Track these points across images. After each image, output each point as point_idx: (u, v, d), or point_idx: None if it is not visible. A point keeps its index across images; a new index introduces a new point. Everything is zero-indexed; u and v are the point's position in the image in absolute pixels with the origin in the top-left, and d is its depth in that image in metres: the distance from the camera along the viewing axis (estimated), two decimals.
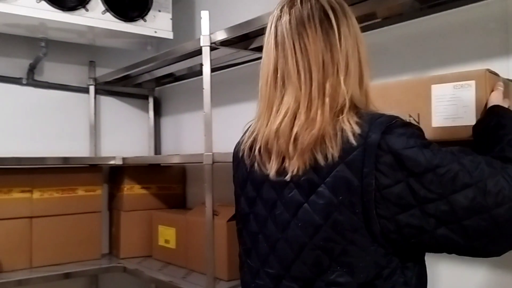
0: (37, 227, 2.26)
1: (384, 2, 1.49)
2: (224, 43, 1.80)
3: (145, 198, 2.50)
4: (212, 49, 1.80)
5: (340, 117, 0.92)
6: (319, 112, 0.92)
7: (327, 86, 0.93)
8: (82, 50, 2.59)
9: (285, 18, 0.98)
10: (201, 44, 1.80)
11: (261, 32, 1.69)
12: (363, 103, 0.97)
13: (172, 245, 2.28)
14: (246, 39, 1.79)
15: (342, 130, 0.90)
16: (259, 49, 1.91)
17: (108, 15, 2.17)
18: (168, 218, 2.34)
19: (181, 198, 2.64)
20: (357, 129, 0.89)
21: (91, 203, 2.42)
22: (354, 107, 0.95)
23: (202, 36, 1.79)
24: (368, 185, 0.87)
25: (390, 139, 0.88)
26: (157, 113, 2.90)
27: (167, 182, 2.60)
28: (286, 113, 0.95)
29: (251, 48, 1.88)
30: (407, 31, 1.62)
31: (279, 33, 0.98)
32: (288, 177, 0.95)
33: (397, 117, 0.92)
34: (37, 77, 2.49)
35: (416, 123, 1.10)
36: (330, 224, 0.90)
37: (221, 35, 1.75)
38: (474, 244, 0.85)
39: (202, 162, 1.80)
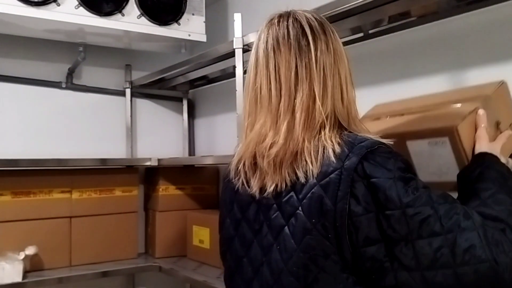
0: (76, 227, 2.33)
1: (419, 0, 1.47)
2: None
3: (180, 198, 2.54)
4: (244, 51, 1.82)
5: (322, 134, 0.90)
6: (287, 127, 0.91)
7: (297, 101, 0.91)
8: (119, 54, 2.66)
9: (263, 37, 1.00)
10: (234, 47, 1.81)
11: None
12: (345, 120, 0.94)
13: (206, 245, 2.31)
14: None
15: (324, 147, 0.88)
16: None
17: (143, 19, 2.22)
18: (202, 219, 2.36)
19: (215, 199, 2.67)
20: (338, 150, 0.86)
21: (128, 203, 2.47)
22: (339, 126, 0.93)
23: (235, 39, 1.81)
24: (342, 210, 0.83)
25: (368, 166, 0.84)
26: (191, 115, 2.94)
27: (201, 183, 2.63)
28: (260, 130, 0.95)
29: None
30: (443, 30, 1.59)
31: (258, 52, 0.99)
32: (268, 195, 0.93)
33: (381, 143, 0.87)
34: (75, 81, 2.57)
35: None
36: (303, 248, 0.86)
37: (253, 37, 1.75)
38: None
39: None
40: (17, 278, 2.04)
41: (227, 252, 1.08)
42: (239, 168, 1.01)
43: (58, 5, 2.02)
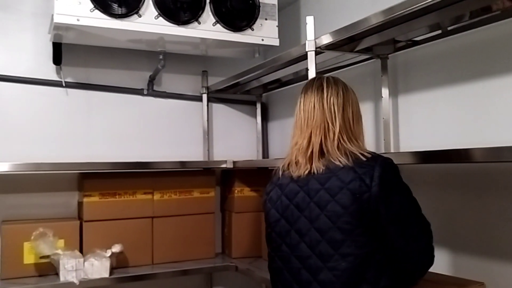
0: (157, 226, 2.44)
1: None
2: (329, 46, 1.80)
3: (255, 200, 2.58)
4: (317, 53, 1.82)
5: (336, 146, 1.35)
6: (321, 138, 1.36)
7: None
8: (196, 60, 2.76)
9: (319, 86, 1.44)
10: (307, 49, 1.82)
11: (367, 33, 1.67)
12: (354, 143, 1.36)
13: None
14: (351, 41, 1.78)
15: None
16: (366, 50, 1.89)
17: (219, 26, 2.29)
18: None
19: None
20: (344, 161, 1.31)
21: (205, 204, 2.55)
22: (342, 144, 1.34)
23: (307, 41, 1.81)
24: None
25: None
26: (265, 118, 2.98)
27: None
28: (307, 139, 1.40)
29: (357, 50, 1.86)
30: None
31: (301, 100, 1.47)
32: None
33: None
34: (156, 88, 2.70)
35: None
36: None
37: (326, 39, 1.75)
38: None
39: None
40: (105, 274, 2.18)
41: (272, 232, 1.42)
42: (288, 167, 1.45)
43: (140, 16, 2.14)
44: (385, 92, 1.98)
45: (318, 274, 1.27)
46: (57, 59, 2.44)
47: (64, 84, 2.48)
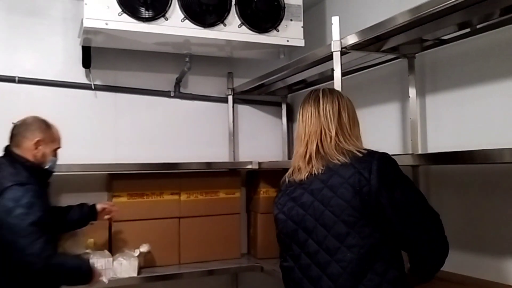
0: (184, 227, 2.47)
1: None
2: (355, 46, 1.79)
3: None
4: (343, 53, 1.81)
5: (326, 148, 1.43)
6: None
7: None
8: (221, 62, 2.79)
9: (315, 98, 1.51)
10: (332, 50, 1.81)
11: (393, 33, 1.66)
12: (351, 143, 1.42)
13: None
14: (377, 41, 1.76)
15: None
16: (392, 50, 1.87)
17: (244, 28, 2.30)
18: None
19: None
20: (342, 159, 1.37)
21: (231, 205, 2.57)
22: (339, 145, 1.41)
23: (332, 42, 1.81)
24: None
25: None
26: (290, 119, 2.97)
27: None
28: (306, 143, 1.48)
29: (383, 50, 1.85)
30: None
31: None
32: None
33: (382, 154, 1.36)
34: (182, 90, 2.74)
35: None
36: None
37: (352, 39, 1.75)
38: None
39: None
40: (133, 273, 2.21)
41: (281, 233, 1.49)
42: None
43: (166, 19, 2.17)
44: (412, 92, 1.96)
45: (326, 268, 1.32)
46: (87, 62, 2.50)
47: (93, 87, 2.54)
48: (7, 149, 1.88)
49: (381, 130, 2.16)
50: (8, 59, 2.41)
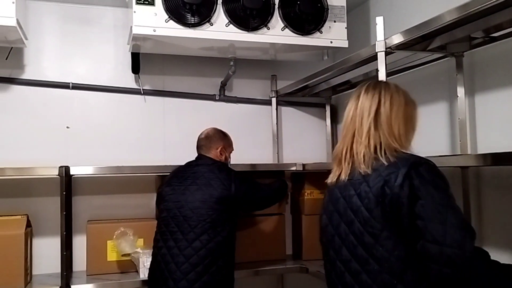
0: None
1: None
2: (400, 46, 1.77)
3: None
4: (387, 53, 1.79)
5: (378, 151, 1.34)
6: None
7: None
8: (265, 65, 2.82)
9: (358, 93, 1.45)
10: (377, 50, 1.80)
11: (440, 31, 1.63)
12: (391, 146, 1.34)
13: None
14: (423, 40, 1.74)
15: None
16: (439, 48, 1.83)
17: (287, 31, 2.32)
18: None
19: None
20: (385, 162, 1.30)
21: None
22: (391, 148, 1.34)
23: (377, 42, 1.79)
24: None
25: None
26: (334, 120, 2.96)
27: None
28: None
29: (430, 49, 1.82)
30: None
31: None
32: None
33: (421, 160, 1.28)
34: (227, 93, 2.79)
35: None
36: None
37: (397, 39, 1.73)
38: None
39: None
40: None
41: (323, 237, 1.48)
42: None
43: (211, 24, 2.22)
44: (460, 91, 1.91)
45: (358, 277, 1.31)
46: (136, 68, 2.59)
47: (142, 92, 2.63)
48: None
49: (428, 131, 2.12)
50: (62, 67, 2.54)
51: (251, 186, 2.21)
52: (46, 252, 2.36)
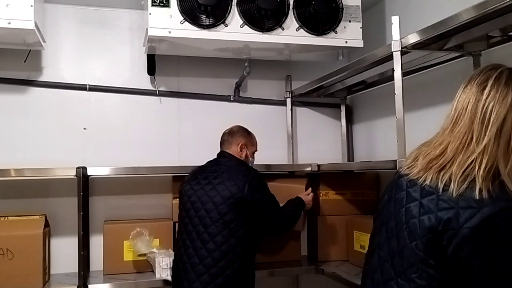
0: None
1: None
2: (416, 46, 1.75)
3: (340, 203, 2.57)
4: (403, 53, 1.78)
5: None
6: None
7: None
8: (279, 66, 2.82)
9: (469, 80, 1.14)
10: (392, 50, 1.79)
11: (457, 30, 1.61)
12: (496, 173, 1.00)
13: None
14: (440, 39, 1.72)
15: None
16: (456, 48, 1.81)
17: (302, 31, 2.32)
18: (363, 224, 2.35)
19: (376, 205, 2.61)
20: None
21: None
22: (469, 167, 1.02)
23: (393, 41, 1.78)
24: None
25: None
26: (349, 120, 2.95)
27: (361, 189, 2.62)
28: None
29: (446, 48, 1.80)
30: None
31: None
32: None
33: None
34: (242, 94, 2.80)
35: None
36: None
37: (413, 38, 1.71)
38: None
39: (395, 169, 1.77)
40: None
41: (376, 236, 1.24)
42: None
43: (226, 25, 2.23)
44: None
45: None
46: (151, 69, 2.62)
47: (157, 93, 2.65)
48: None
49: None
50: (79, 69, 2.58)
51: (266, 195, 2.11)
52: (64, 252, 2.40)
